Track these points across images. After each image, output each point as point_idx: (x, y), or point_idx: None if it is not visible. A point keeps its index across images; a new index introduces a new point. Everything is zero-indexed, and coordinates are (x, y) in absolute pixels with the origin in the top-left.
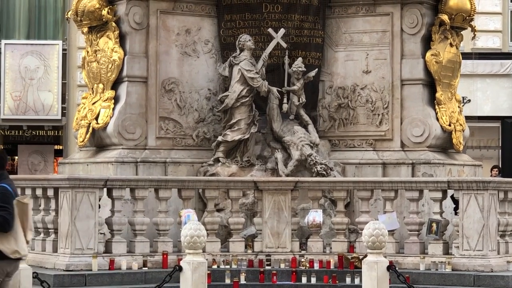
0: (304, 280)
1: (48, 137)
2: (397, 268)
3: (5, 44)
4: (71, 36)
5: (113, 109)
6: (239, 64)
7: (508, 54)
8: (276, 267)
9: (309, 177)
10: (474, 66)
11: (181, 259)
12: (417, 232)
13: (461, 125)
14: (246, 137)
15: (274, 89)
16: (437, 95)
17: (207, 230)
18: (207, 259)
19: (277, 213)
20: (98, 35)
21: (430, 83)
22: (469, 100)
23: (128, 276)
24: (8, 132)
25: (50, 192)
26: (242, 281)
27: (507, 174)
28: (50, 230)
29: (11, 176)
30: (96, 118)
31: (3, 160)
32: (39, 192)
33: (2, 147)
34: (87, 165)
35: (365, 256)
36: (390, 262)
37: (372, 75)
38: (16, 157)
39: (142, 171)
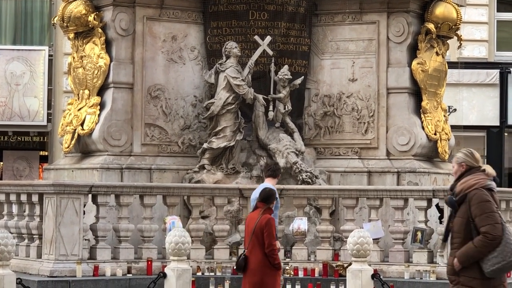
0: (288, 287)
1: (33, 143)
2: (381, 277)
3: None
4: (57, 41)
5: (99, 115)
6: (225, 71)
7: (494, 63)
8: None
9: (294, 184)
10: (460, 76)
11: (165, 266)
12: (401, 241)
13: (446, 134)
14: (231, 144)
15: (260, 97)
16: (423, 104)
17: (191, 237)
18: (191, 266)
19: None
20: (84, 41)
21: (416, 92)
22: (455, 109)
23: (113, 282)
24: None
25: (35, 198)
26: None
27: None
28: (34, 236)
29: None
30: (82, 124)
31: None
32: (23, 197)
33: None
34: (72, 171)
35: (350, 264)
36: (375, 270)
37: (358, 83)
38: (1, 163)
39: (127, 177)
